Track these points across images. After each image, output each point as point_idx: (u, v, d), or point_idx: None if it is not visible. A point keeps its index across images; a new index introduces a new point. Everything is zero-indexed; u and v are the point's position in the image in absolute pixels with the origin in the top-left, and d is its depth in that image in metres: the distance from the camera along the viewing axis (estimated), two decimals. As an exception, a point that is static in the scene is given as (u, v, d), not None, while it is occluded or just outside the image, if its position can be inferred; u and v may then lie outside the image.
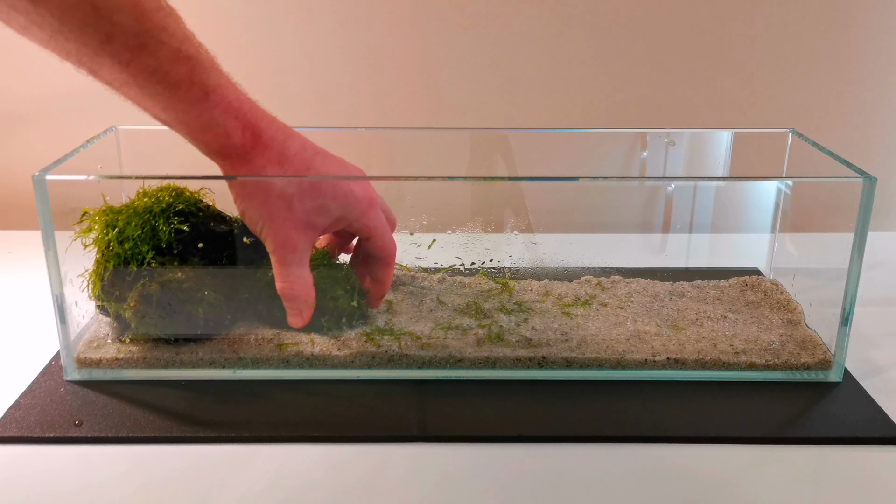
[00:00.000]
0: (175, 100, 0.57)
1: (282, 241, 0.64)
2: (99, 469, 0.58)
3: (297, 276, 0.66)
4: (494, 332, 0.72)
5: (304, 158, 0.64)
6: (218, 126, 0.60)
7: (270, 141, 0.62)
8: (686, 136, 0.85)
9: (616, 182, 0.78)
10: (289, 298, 0.67)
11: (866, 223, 0.65)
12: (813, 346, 0.71)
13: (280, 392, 0.66)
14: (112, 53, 0.54)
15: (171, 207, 0.68)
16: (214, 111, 0.59)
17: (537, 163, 0.88)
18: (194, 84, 0.57)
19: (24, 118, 1.05)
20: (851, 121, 1.06)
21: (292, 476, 0.57)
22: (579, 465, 0.59)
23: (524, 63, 1.04)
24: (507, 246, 0.78)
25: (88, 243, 0.68)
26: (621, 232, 0.84)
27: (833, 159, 0.70)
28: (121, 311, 0.68)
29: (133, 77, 0.55)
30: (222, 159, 0.62)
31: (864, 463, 0.59)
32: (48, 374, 0.69)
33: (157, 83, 0.56)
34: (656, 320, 0.74)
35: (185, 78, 0.57)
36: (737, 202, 0.83)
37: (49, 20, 0.52)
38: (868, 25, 1.02)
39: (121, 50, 0.54)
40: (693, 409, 0.65)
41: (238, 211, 0.65)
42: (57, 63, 0.56)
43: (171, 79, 0.56)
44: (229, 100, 0.60)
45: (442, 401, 0.66)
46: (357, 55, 1.03)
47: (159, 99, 0.57)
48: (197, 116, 0.59)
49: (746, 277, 0.83)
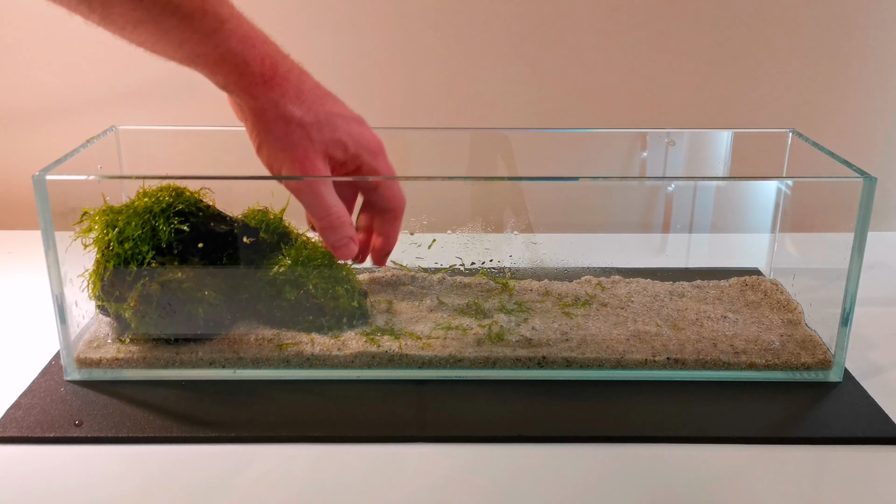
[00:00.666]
0: (190, 32, 0.57)
1: (309, 172, 0.63)
2: (99, 469, 0.58)
3: (334, 203, 0.64)
4: (494, 332, 0.72)
5: (318, 96, 0.63)
6: (236, 56, 0.59)
7: (287, 73, 0.62)
8: (686, 136, 0.85)
9: (616, 182, 0.78)
10: (334, 229, 0.65)
11: (866, 223, 0.65)
12: (813, 346, 0.71)
13: (280, 392, 0.66)
14: None
15: (171, 207, 0.68)
16: (231, 41, 0.59)
17: (537, 163, 0.88)
18: (208, 13, 0.57)
19: (24, 118, 1.05)
20: (851, 121, 1.06)
21: (292, 476, 0.57)
22: (579, 465, 0.59)
23: (524, 63, 1.04)
24: (507, 246, 0.78)
25: (88, 243, 0.68)
26: (621, 232, 0.84)
27: (833, 159, 0.70)
28: (121, 311, 0.68)
29: (147, 12, 0.55)
30: (240, 91, 0.61)
31: (864, 463, 0.59)
32: (48, 374, 0.69)
33: (170, 15, 0.56)
34: (656, 320, 0.74)
35: (198, 8, 0.56)
36: (737, 202, 0.83)
37: None
38: (868, 25, 1.02)
39: None
40: (693, 409, 0.65)
41: (255, 146, 0.64)
42: (57, 63, 0.56)
43: (184, 9, 0.56)
44: (244, 29, 0.60)
45: (442, 401, 0.66)
46: (357, 55, 1.03)
47: (175, 34, 0.57)
48: (214, 47, 0.58)
49: (746, 277, 0.83)
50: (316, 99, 0.63)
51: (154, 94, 1.03)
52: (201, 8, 0.57)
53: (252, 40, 0.60)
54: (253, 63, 0.60)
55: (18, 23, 1.00)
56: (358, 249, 0.67)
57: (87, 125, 0.81)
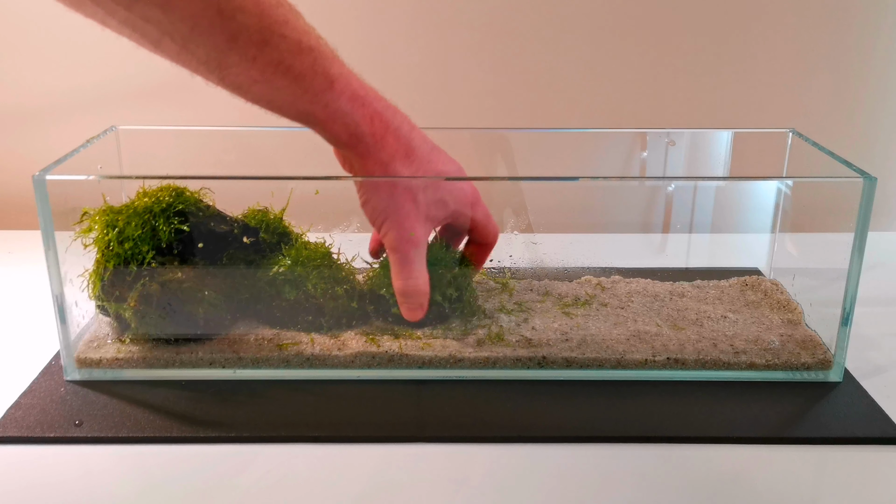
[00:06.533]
0: (301, 91, 0.59)
1: (406, 235, 0.65)
2: (99, 469, 0.58)
3: (420, 271, 0.67)
4: (494, 332, 0.72)
5: (425, 152, 0.65)
6: (346, 115, 0.61)
7: (397, 131, 0.64)
8: (686, 136, 0.85)
9: (616, 182, 0.78)
10: (410, 295, 0.67)
11: (866, 223, 0.65)
12: (813, 346, 0.71)
13: (280, 392, 0.66)
14: (239, 51, 0.56)
15: (171, 207, 0.68)
16: (340, 100, 0.60)
17: (537, 163, 0.88)
18: (318, 74, 0.59)
19: (24, 118, 1.05)
20: (851, 121, 1.06)
21: (292, 476, 0.57)
22: (579, 465, 0.59)
23: (524, 63, 1.04)
24: (507, 246, 0.78)
25: (88, 243, 0.68)
26: (621, 232, 0.84)
27: (833, 159, 0.70)
28: (121, 311, 0.68)
29: (260, 73, 0.57)
30: (351, 149, 0.63)
31: (864, 463, 0.59)
32: (48, 374, 0.69)
33: (282, 76, 0.58)
34: (656, 320, 0.74)
35: (308, 69, 0.59)
36: (737, 202, 0.83)
37: (180, 27, 0.54)
38: (868, 26, 1.02)
39: (246, 46, 0.56)
40: (693, 409, 0.65)
41: (361, 202, 0.65)
42: (57, 63, 0.56)
43: (295, 70, 0.58)
44: (353, 88, 0.61)
45: (442, 401, 0.66)
46: (356, 56, 1.03)
47: (287, 92, 0.59)
48: (324, 107, 0.60)
49: (746, 277, 0.83)
50: (423, 157, 0.65)
51: (154, 94, 1.03)
52: (311, 69, 0.59)
53: (361, 99, 0.62)
54: (363, 123, 0.62)
55: (18, 23, 1.00)
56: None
57: (87, 125, 0.81)
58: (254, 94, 0.59)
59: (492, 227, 0.72)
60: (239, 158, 0.82)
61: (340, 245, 0.73)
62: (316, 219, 0.73)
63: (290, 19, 0.58)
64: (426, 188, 0.65)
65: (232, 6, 0.55)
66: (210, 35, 0.55)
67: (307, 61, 0.58)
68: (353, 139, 0.62)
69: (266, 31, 0.56)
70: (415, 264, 0.66)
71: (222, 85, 0.59)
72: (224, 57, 0.56)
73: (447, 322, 0.72)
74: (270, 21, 0.56)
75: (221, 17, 0.54)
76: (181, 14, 0.54)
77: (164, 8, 0.53)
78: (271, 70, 0.57)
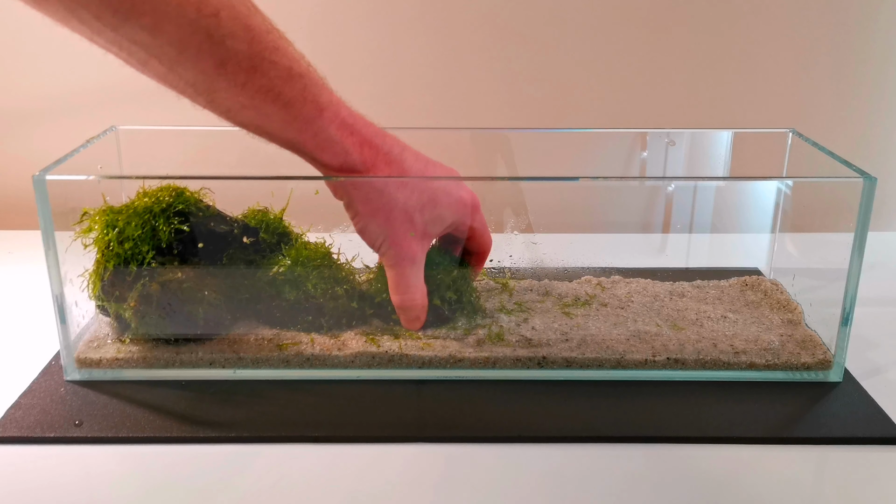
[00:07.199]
0: (290, 118, 0.59)
1: (404, 254, 0.65)
2: (99, 469, 0.58)
3: (416, 287, 0.67)
4: (494, 332, 0.72)
5: (419, 170, 0.65)
6: (335, 143, 0.61)
7: (388, 155, 0.63)
8: (686, 136, 0.85)
9: (616, 182, 0.78)
10: (407, 309, 0.68)
11: (866, 223, 0.65)
12: (813, 346, 0.71)
13: (280, 392, 0.66)
14: (227, 76, 0.56)
15: (171, 207, 0.68)
16: (330, 128, 0.60)
17: (537, 163, 0.88)
18: (307, 101, 0.59)
19: (24, 118, 1.05)
20: (851, 121, 1.06)
21: (292, 476, 0.57)
22: (579, 465, 0.59)
23: (524, 63, 1.04)
24: (507, 246, 0.78)
25: (88, 243, 0.68)
26: (621, 232, 0.84)
27: (833, 159, 0.70)
28: (121, 311, 0.68)
29: (250, 98, 0.57)
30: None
31: (864, 463, 0.59)
32: (48, 374, 0.69)
33: (272, 102, 0.57)
34: (656, 320, 0.74)
35: (298, 96, 0.58)
36: (737, 202, 0.83)
37: (167, 50, 0.53)
38: (868, 25, 1.02)
39: (235, 72, 0.55)
40: (693, 409, 0.65)
41: (357, 228, 0.65)
42: (57, 63, 0.56)
43: (285, 97, 0.58)
44: (342, 116, 0.61)
45: (442, 401, 0.66)
46: (356, 56, 1.03)
47: (276, 119, 0.59)
48: (314, 135, 0.60)
49: (746, 277, 0.83)
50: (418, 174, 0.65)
51: (154, 94, 1.03)
52: (301, 96, 0.58)
53: (350, 127, 0.61)
54: (353, 150, 0.62)
55: (18, 23, 1.00)
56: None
57: (87, 125, 0.81)
58: (242, 119, 0.59)
59: (486, 238, 0.72)
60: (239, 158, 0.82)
61: (340, 245, 0.73)
62: (316, 219, 0.73)
63: (280, 46, 0.57)
64: (423, 208, 0.65)
65: (221, 32, 0.54)
66: (198, 59, 0.54)
67: (297, 88, 0.58)
68: (345, 167, 0.62)
69: (256, 56, 0.56)
70: (411, 279, 0.67)
71: (210, 108, 0.58)
72: (212, 81, 0.56)
73: (448, 324, 0.72)
74: (261, 47, 0.56)
75: (210, 42, 0.54)
76: (169, 38, 0.53)
77: (152, 31, 0.52)
78: (260, 96, 0.57)
